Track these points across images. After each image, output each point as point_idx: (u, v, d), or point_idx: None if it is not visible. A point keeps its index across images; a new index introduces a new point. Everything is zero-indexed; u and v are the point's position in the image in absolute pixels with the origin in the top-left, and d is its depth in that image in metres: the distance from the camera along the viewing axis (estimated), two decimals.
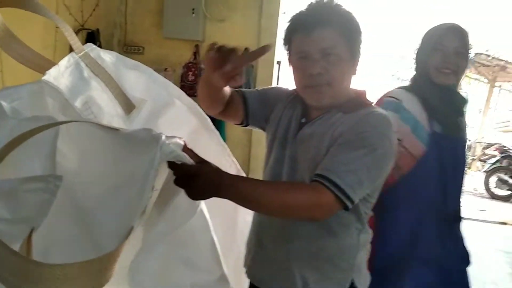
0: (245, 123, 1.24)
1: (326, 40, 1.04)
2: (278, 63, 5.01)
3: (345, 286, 1.12)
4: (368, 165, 1.00)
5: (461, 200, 1.57)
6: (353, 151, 1.00)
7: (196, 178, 0.82)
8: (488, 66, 8.54)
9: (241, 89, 1.23)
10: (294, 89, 1.20)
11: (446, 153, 1.48)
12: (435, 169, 1.47)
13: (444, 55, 1.48)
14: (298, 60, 1.09)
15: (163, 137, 0.79)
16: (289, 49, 1.13)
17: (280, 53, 4.75)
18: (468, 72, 9.28)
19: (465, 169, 1.61)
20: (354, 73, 1.13)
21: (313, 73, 1.05)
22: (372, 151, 1.00)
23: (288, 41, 1.12)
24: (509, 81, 9.49)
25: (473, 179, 7.68)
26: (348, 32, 1.07)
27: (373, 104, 1.17)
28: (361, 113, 1.07)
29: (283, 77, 4.97)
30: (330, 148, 1.03)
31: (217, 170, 0.87)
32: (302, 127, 1.14)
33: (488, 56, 8.55)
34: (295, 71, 1.12)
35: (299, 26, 1.08)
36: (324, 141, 1.06)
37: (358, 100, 1.13)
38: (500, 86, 10.45)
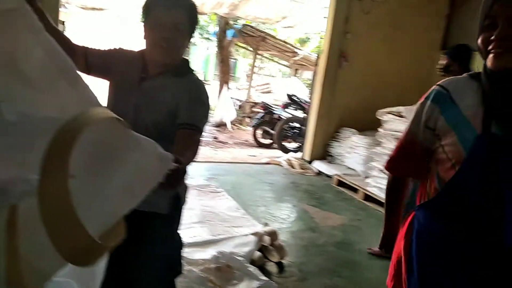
0: (86, 71, 1.52)
1: (178, 16, 1.46)
2: (62, 22, 4.82)
3: (170, 196, 1.59)
4: (206, 113, 1.55)
5: None
6: (197, 106, 1.51)
7: (181, 180, 1.11)
8: (253, 36, 9.85)
9: (84, 45, 1.54)
10: (135, 50, 1.60)
11: (507, 165, 0.99)
12: (483, 184, 1.00)
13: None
14: (154, 25, 1.46)
15: (170, 156, 1.01)
16: (147, 15, 1.49)
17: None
18: (236, 41, 10.54)
19: None
20: (187, 47, 1.57)
21: (166, 36, 1.45)
22: (207, 105, 1.56)
23: (149, 8, 1.49)
24: (268, 51, 11.10)
25: (244, 133, 8.99)
26: (191, 16, 1.50)
27: (193, 71, 1.61)
28: (189, 79, 1.55)
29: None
30: (178, 104, 1.47)
31: (183, 168, 1.12)
32: (143, 81, 1.53)
33: (253, 28, 9.90)
34: (151, 32, 1.48)
35: (161, 2, 1.47)
36: (165, 96, 1.49)
37: (185, 67, 1.57)
38: (262, 55, 12.16)
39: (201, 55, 17.30)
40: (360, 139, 5.42)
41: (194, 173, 4.89)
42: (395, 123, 4.45)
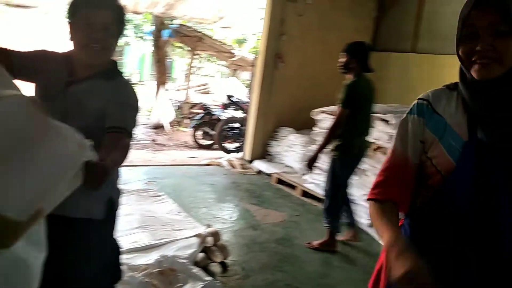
0: (12, 76, 1.40)
1: (107, 17, 1.44)
2: None
3: (104, 201, 1.57)
4: (135, 117, 1.53)
5: None
6: (127, 110, 1.50)
7: (104, 178, 1.15)
8: (190, 36, 9.75)
9: (7, 48, 1.44)
10: (60, 52, 1.55)
11: (497, 170, 0.98)
12: (473, 191, 1.00)
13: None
14: (82, 25, 1.42)
15: (88, 143, 1.02)
16: (74, 16, 1.45)
17: None
18: (173, 41, 10.39)
19: None
20: (116, 48, 1.55)
21: (97, 37, 1.42)
22: (136, 109, 1.55)
23: (75, 9, 1.44)
24: (206, 51, 11.04)
25: (184, 134, 8.89)
26: (120, 16, 1.49)
27: (122, 74, 1.59)
28: (118, 81, 1.53)
29: None
30: (106, 107, 1.44)
31: (107, 166, 1.18)
32: (70, 84, 1.48)
33: (189, 28, 9.81)
34: (78, 33, 1.44)
35: (90, 2, 1.43)
36: (93, 101, 1.46)
37: (114, 69, 1.55)
38: (199, 55, 12.08)
39: (136, 55, 16.84)
40: (297, 138, 5.59)
41: (133, 178, 4.79)
42: (329, 122, 4.65)
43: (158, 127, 8.82)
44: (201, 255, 3.10)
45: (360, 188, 4.09)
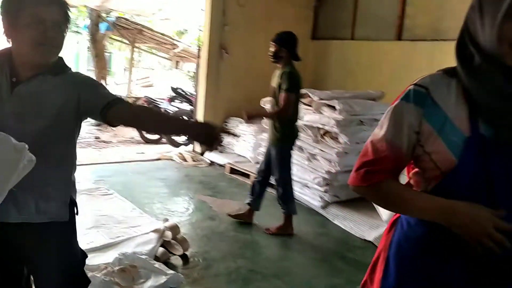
0: None
1: (57, 14, 1.38)
2: None
3: (67, 202, 1.52)
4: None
5: None
6: (103, 89, 1.49)
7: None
8: (128, 29, 9.49)
9: None
10: None
11: (500, 169, 0.95)
12: (475, 190, 0.97)
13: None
14: (31, 23, 1.33)
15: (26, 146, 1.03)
16: (16, 13, 1.34)
17: None
18: (111, 34, 10.04)
19: None
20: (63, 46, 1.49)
21: (48, 35, 1.35)
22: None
23: (17, 6, 1.34)
24: (146, 43, 10.81)
25: (129, 130, 8.59)
26: (67, 12, 1.42)
27: (70, 69, 1.52)
28: (71, 74, 1.47)
29: None
30: (78, 98, 1.41)
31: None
32: (16, 85, 1.38)
33: (127, 20, 9.53)
34: (26, 31, 1.34)
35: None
36: (51, 98, 1.39)
37: (60, 64, 1.47)
38: (139, 47, 11.77)
39: (71, 50, 16.04)
40: (247, 127, 5.66)
41: (80, 177, 4.62)
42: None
43: (101, 123, 8.51)
44: (161, 249, 3.08)
45: (311, 172, 4.24)
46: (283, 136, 3.55)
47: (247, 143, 5.63)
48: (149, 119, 1.44)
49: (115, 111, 1.39)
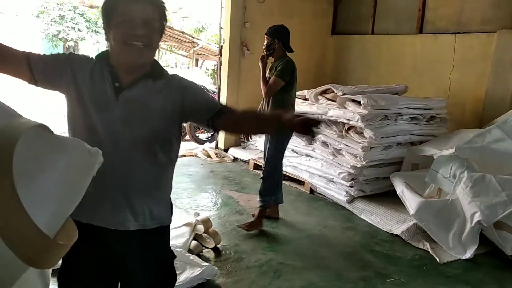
0: (33, 81, 1.37)
1: (148, 11, 1.31)
2: None
3: (170, 204, 1.53)
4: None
5: None
6: (206, 95, 1.49)
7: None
8: None
9: (26, 51, 1.37)
10: (90, 56, 1.44)
11: None
12: None
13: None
14: (122, 22, 1.29)
15: (100, 151, 1.06)
16: (111, 13, 1.32)
17: None
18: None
19: None
20: (158, 47, 1.45)
21: (137, 34, 1.29)
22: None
23: (111, 6, 1.32)
24: (165, 41, 10.86)
25: None
26: (161, 11, 1.36)
27: (167, 72, 1.47)
28: (170, 78, 1.43)
29: None
30: (182, 103, 1.40)
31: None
32: (120, 91, 1.35)
33: None
34: (117, 30, 1.30)
35: None
36: (153, 104, 1.37)
37: (158, 68, 1.43)
38: (159, 46, 11.90)
39: (91, 50, 16.34)
40: None
41: None
42: (301, 106, 4.81)
43: None
44: (194, 242, 3.19)
45: (337, 167, 4.29)
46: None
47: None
48: (251, 125, 1.47)
49: (221, 122, 1.41)
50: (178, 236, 3.22)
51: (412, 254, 3.34)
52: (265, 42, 3.73)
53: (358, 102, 4.09)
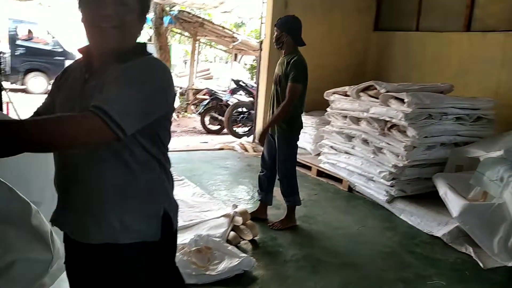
0: None
1: None
2: None
3: (159, 215, 1.23)
4: (136, 98, 1.06)
5: None
6: (122, 87, 1.07)
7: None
8: (190, 22, 9.75)
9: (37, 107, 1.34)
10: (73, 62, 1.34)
11: None
12: None
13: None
14: (90, 1, 1.13)
15: None
16: None
17: None
18: (173, 27, 10.37)
19: None
20: (140, 31, 1.22)
21: (103, 14, 1.10)
22: (140, 87, 1.08)
23: None
24: (206, 36, 11.06)
25: (191, 120, 8.96)
26: None
27: (151, 55, 1.22)
28: (136, 61, 1.15)
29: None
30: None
31: None
32: (87, 82, 1.18)
33: (189, 13, 9.80)
34: (86, 11, 1.14)
35: None
36: (99, 87, 1.11)
37: (133, 52, 1.19)
38: (199, 40, 12.07)
39: None
40: (308, 119, 5.69)
41: None
42: (342, 102, 4.76)
43: None
44: (233, 233, 3.23)
45: (377, 166, 4.22)
46: (289, 127, 3.43)
47: (308, 135, 5.67)
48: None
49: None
50: (217, 227, 3.28)
51: (453, 257, 3.24)
52: (274, 34, 3.46)
53: (402, 100, 4.00)
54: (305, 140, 5.69)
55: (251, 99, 7.44)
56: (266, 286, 2.70)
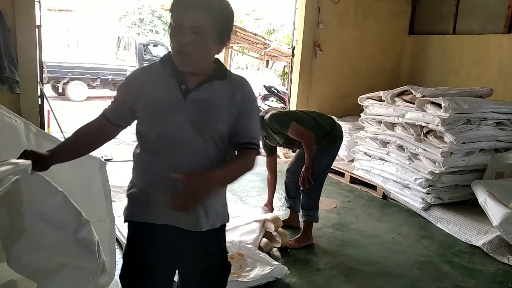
0: (124, 128, 1.50)
1: (197, 19, 1.27)
2: (38, 27, 4.75)
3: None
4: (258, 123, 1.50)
5: None
6: (254, 120, 1.46)
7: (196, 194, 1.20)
8: None
9: (105, 114, 1.47)
10: (144, 66, 1.52)
11: None
12: None
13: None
14: (174, 29, 1.31)
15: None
16: (171, 20, 1.34)
17: (39, 17, 4.51)
18: None
19: None
20: (220, 51, 1.40)
21: (182, 42, 1.29)
22: (258, 113, 1.54)
23: (170, 12, 1.33)
24: (238, 43, 11.11)
25: None
26: (218, 17, 1.30)
27: (230, 72, 1.47)
28: (234, 80, 1.43)
29: (44, 40, 4.74)
30: (234, 114, 1.39)
31: (208, 177, 1.25)
32: (188, 93, 1.36)
33: None
34: (171, 40, 1.33)
35: (179, 2, 1.30)
36: (219, 104, 1.38)
37: (222, 68, 1.43)
38: (231, 47, 12.19)
39: (167, 51, 17.11)
40: (341, 125, 5.55)
41: None
42: (376, 107, 4.67)
43: None
44: (265, 240, 3.22)
45: (413, 173, 4.11)
46: (328, 140, 3.36)
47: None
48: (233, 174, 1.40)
49: (236, 153, 1.44)
50: (249, 232, 3.26)
51: (494, 268, 3.10)
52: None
53: (439, 105, 3.88)
54: None
55: (283, 105, 7.44)
56: None
